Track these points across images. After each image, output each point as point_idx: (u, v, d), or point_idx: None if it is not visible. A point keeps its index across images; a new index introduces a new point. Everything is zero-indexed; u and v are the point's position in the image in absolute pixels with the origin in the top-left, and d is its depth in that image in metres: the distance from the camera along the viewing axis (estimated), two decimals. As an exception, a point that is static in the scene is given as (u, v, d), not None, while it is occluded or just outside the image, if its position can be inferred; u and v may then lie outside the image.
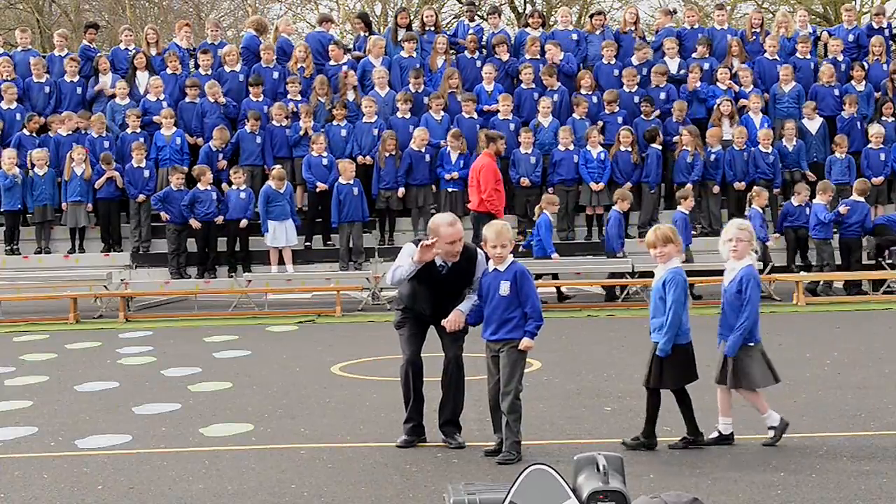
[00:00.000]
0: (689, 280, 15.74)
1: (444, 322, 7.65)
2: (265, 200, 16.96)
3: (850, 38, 20.02)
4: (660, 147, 17.84)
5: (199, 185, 17.13)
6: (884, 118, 18.59)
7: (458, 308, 7.65)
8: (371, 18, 34.70)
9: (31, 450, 7.97)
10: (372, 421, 8.66)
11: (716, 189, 17.88)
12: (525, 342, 7.34)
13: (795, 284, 16.19)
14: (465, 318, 7.60)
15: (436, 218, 7.80)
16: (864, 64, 19.25)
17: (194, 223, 17.02)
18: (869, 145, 18.21)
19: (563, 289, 16.74)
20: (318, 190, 17.45)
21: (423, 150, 17.61)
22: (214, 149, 17.93)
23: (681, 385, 7.66)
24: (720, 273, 16.98)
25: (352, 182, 17.18)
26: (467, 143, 17.84)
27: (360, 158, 17.81)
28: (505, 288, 7.37)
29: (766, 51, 19.44)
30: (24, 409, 9.54)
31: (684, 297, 7.59)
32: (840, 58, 19.44)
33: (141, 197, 17.62)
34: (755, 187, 16.99)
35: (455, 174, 17.54)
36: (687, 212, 16.53)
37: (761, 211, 16.60)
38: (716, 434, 7.63)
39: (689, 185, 17.12)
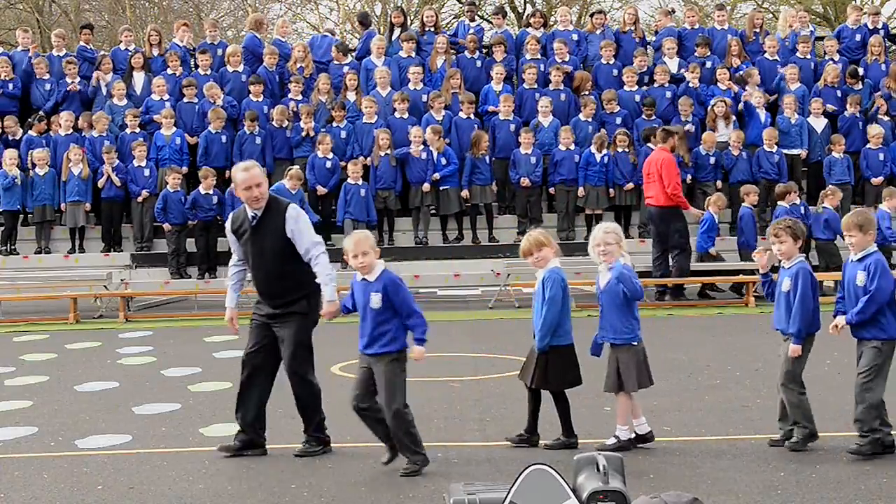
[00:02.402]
0: (696, 280, 15.95)
1: (322, 312, 7.61)
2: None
3: (857, 37, 20.01)
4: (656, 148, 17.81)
5: (200, 188, 17.08)
6: (881, 118, 18.57)
7: (327, 299, 7.49)
8: (371, 18, 34.78)
9: (31, 450, 7.98)
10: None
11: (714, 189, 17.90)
12: (417, 351, 7.14)
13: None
14: (340, 305, 7.41)
15: (235, 166, 7.91)
16: (858, 70, 19.21)
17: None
18: (868, 145, 18.20)
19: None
20: (318, 193, 17.44)
21: (420, 149, 17.59)
22: (214, 132, 17.90)
23: (563, 387, 7.71)
24: (725, 273, 17.02)
25: (359, 183, 17.18)
26: (461, 144, 17.87)
27: (360, 160, 17.83)
28: (376, 300, 7.11)
29: (765, 51, 19.44)
30: (24, 409, 9.54)
31: (562, 296, 7.62)
32: (837, 58, 19.43)
33: (144, 193, 17.59)
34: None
35: (437, 175, 17.52)
36: (750, 207, 16.52)
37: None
38: (633, 435, 7.60)
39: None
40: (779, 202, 16.58)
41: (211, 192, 17.10)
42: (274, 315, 7.72)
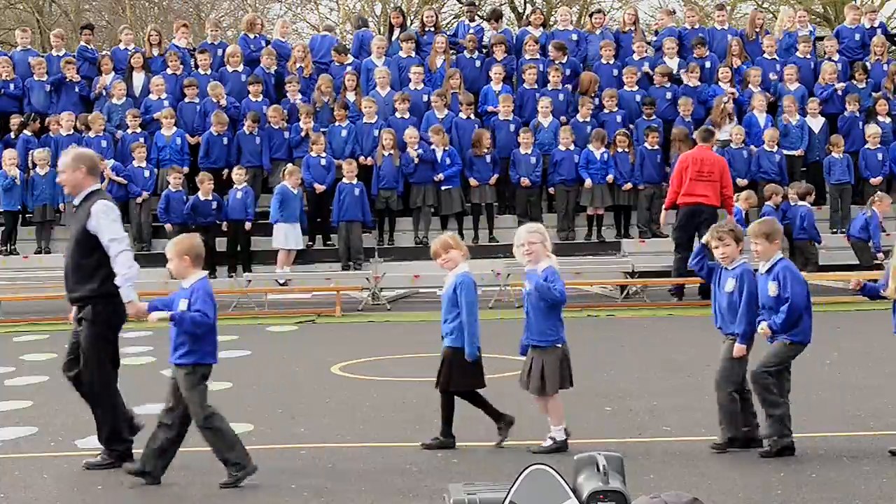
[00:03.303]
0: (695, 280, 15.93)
1: (129, 313, 7.29)
2: (280, 200, 16.88)
3: (857, 37, 20.01)
4: (653, 147, 17.80)
5: (199, 194, 17.06)
6: (879, 117, 18.57)
7: (124, 299, 7.26)
8: (371, 18, 34.78)
9: (31, 450, 7.98)
10: (372, 421, 8.67)
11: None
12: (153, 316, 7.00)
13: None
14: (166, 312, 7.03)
15: None
16: (867, 65, 19.23)
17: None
18: (866, 145, 18.20)
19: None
20: (316, 191, 17.44)
21: (415, 148, 17.58)
22: (216, 133, 17.91)
23: (469, 388, 7.75)
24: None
25: (353, 182, 17.18)
26: (461, 144, 17.88)
27: (361, 159, 17.84)
28: (182, 304, 6.91)
29: (765, 51, 19.44)
30: (24, 409, 9.54)
31: (475, 298, 7.68)
32: (836, 57, 19.43)
33: (144, 194, 17.59)
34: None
35: (441, 175, 17.54)
36: (774, 207, 16.59)
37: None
38: (550, 442, 7.61)
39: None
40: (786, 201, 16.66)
41: (210, 197, 17.05)
42: (78, 318, 7.58)
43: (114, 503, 6.64)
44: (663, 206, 16.26)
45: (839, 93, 18.75)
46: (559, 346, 7.62)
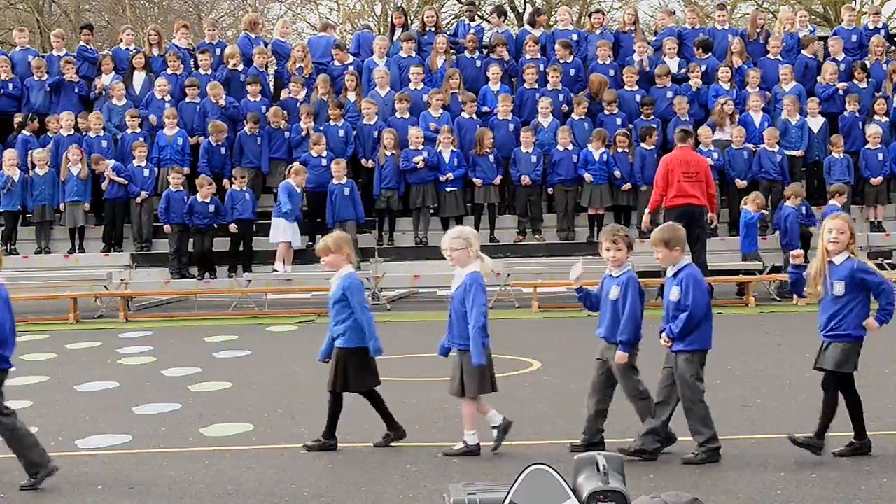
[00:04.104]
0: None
1: None
2: (288, 196, 16.83)
3: (854, 38, 20.02)
4: (652, 147, 17.79)
5: (197, 196, 17.05)
6: (877, 117, 18.57)
7: None
8: (371, 19, 34.80)
9: (31, 450, 7.96)
10: (372, 421, 8.66)
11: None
12: None
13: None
14: None
15: None
16: (866, 63, 19.24)
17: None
18: (867, 145, 18.20)
19: None
20: (316, 192, 17.48)
21: (419, 149, 17.60)
22: (214, 143, 17.92)
23: (363, 388, 7.83)
24: (722, 273, 17.04)
25: (343, 182, 17.18)
26: (466, 145, 17.89)
27: (363, 161, 17.83)
28: None
29: (769, 51, 19.44)
30: (24, 409, 9.54)
31: (363, 297, 7.75)
32: (840, 57, 19.44)
33: (143, 194, 17.60)
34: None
35: (450, 175, 17.55)
36: (794, 208, 16.56)
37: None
38: (461, 445, 7.62)
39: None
40: (786, 203, 16.61)
41: (208, 200, 17.03)
42: None
43: (114, 503, 6.64)
44: (647, 209, 16.23)
45: (840, 92, 18.76)
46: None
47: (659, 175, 15.70)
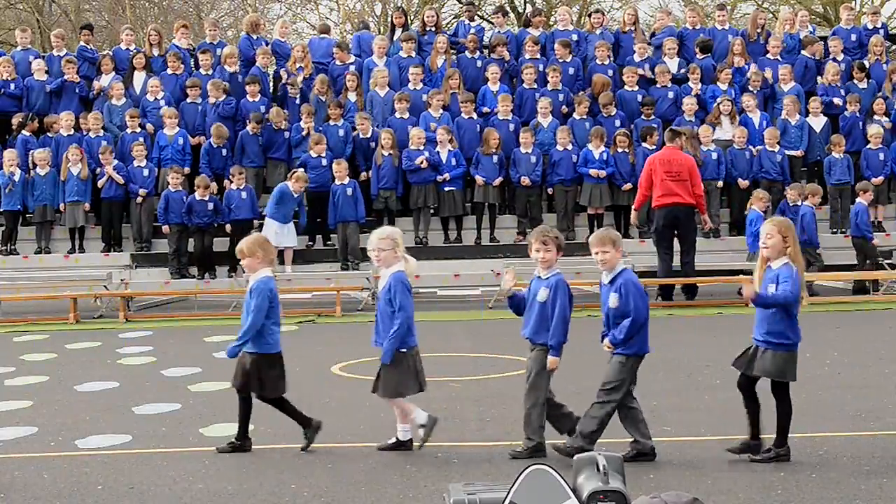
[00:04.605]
0: (691, 280, 15.93)
1: None
2: (279, 198, 16.87)
3: (853, 37, 20.02)
4: (653, 147, 17.80)
5: (196, 195, 17.03)
6: (876, 116, 18.57)
7: None
8: (371, 19, 34.78)
9: (31, 450, 7.97)
10: (372, 421, 8.66)
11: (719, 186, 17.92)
12: None
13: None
14: None
15: None
16: (865, 63, 19.24)
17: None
18: (868, 145, 18.20)
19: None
20: (316, 192, 17.48)
21: (421, 149, 17.60)
22: (215, 146, 17.92)
23: (273, 394, 7.81)
24: (719, 273, 17.05)
25: (346, 182, 17.19)
26: (466, 144, 17.89)
27: (362, 175, 17.81)
28: None
29: (768, 51, 19.44)
30: (24, 409, 9.54)
31: (267, 305, 7.72)
32: (840, 57, 19.44)
33: (142, 191, 17.60)
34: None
35: (447, 175, 17.56)
36: (813, 207, 16.60)
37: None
38: (393, 440, 7.69)
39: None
40: (804, 202, 16.64)
41: (206, 198, 17.03)
42: None
43: (114, 503, 6.64)
44: (633, 207, 16.28)
45: (841, 92, 18.76)
46: (403, 350, 7.63)
47: (643, 174, 15.80)
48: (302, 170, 17.28)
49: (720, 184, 17.85)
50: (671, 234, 15.75)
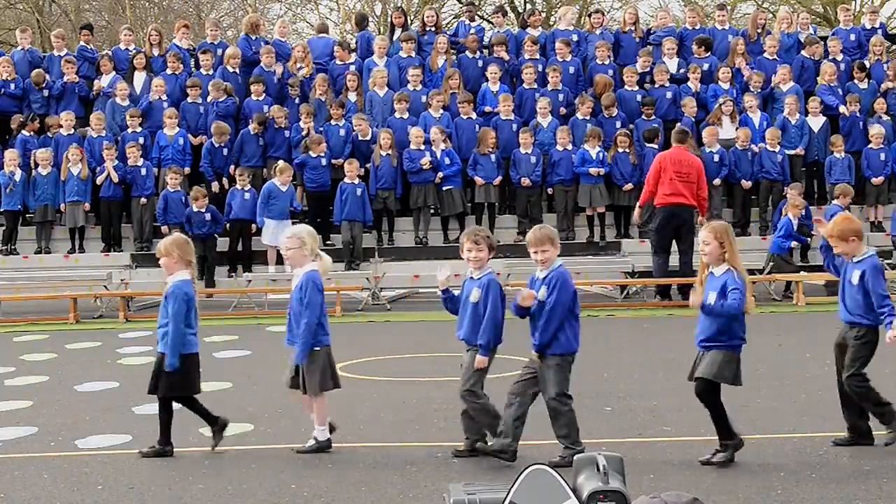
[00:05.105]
0: (690, 280, 15.90)
1: None
2: (266, 197, 16.90)
3: (852, 37, 20.02)
4: (657, 147, 17.80)
5: (193, 206, 16.99)
6: (878, 116, 18.55)
7: None
8: (371, 18, 34.76)
9: (31, 450, 7.98)
10: (372, 421, 8.67)
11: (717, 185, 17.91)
12: None
13: (795, 284, 16.18)
14: None
15: None
16: (865, 63, 19.23)
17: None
18: (869, 145, 18.19)
19: None
20: (317, 192, 17.45)
21: (421, 149, 17.60)
22: (217, 145, 17.92)
23: (177, 394, 7.82)
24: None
25: (356, 182, 17.19)
26: (461, 144, 17.89)
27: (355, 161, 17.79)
28: None
29: (765, 51, 19.43)
30: (24, 409, 9.54)
31: (184, 309, 7.70)
32: (840, 57, 19.43)
33: (143, 201, 17.61)
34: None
35: (441, 174, 17.54)
36: (842, 207, 16.46)
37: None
38: (313, 441, 7.71)
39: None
40: (834, 202, 16.64)
41: (203, 209, 16.97)
42: None
43: (114, 503, 6.64)
44: (637, 204, 16.30)
45: (838, 91, 18.75)
46: (318, 349, 7.66)
47: (651, 172, 15.78)
48: (283, 161, 17.29)
49: (718, 181, 17.76)
50: (672, 234, 15.75)
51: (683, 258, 15.84)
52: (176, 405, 7.86)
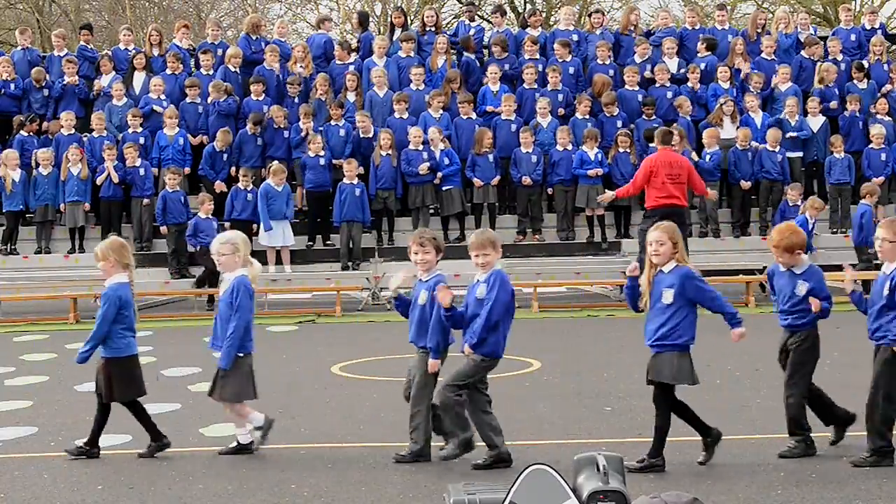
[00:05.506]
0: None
1: None
2: (265, 197, 16.90)
3: (852, 37, 20.02)
4: (658, 147, 17.75)
5: (199, 214, 16.89)
6: (879, 116, 18.55)
7: None
8: (371, 18, 34.76)
9: (31, 450, 7.98)
10: (372, 421, 8.67)
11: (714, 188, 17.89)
12: None
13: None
14: None
15: None
16: (864, 63, 19.23)
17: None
18: (870, 145, 18.19)
19: None
20: (316, 192, 17.45)
21: (419, 149, 17.59)
22: (218, 150, 17.91)
23: (122, 398, 7.81)
24: (722, 273, 17.03)
25: (355, 182, 17.19)
26: (461, 144, 17.90)
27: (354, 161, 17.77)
28: None
29: (762, 51, 19.43)
30: (24, 409, 9.54)
31: (113, 313, 7.67)
32: (840, 57, 19.43)
33: (145, 202, 17.60)
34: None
35: (440, 175, 17.53)
36: (871, 206, 16.52)
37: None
38: (234, 444, 7.73)
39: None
40: (862, 201, 16.66)
41: (210, 215, 16.82)
42: None
43: (114, 503, 6.64)
44: (615, 193, 16.25)
45: (836, 91, 18.75)
46: (242, 355, 7.68)
47: (640, 173, 15.74)
48: (277, 162, 17.30)
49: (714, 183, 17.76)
50: None
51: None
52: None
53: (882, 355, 7.14)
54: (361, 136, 18.09)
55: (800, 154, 18.30)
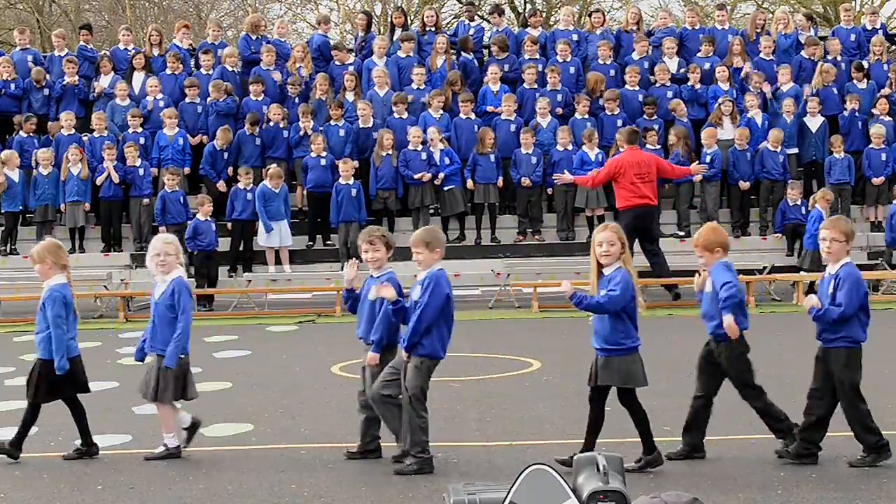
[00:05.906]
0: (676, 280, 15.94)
1: None
2: (262, 199, 16.91)
3: (852, 37, 20.02)
4: (654, 147, 17.75)
5: (198, 216, 16.82)
6: (880, 116, 18.55)
7: None
8: (371, 18, 34.76)
9: (31, 450, 7.97)
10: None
11: (714, 188, 17.91)
12: None
13: (795, 284, 16.18)
14: None
15: None
16: (863, 63, 19.22)
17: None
18: (870, 145, 18.19)
19: None
20: (316, 193, 17.47)
21: (419, 149, 17.59)
22: (218, 148, 17.91)
23: (56, 398, 7.83)
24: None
25: (350, 183, 17.19)
26: (461, 144, 17.89)
27: (350, 161, 17.72)
28: None
29: (760, 51, 19.43)
30: (25, 409, 9.52)
31: (64, 313, 7.67)
32: (839, 58, 19.43)
33: (145, 202, 17.61)
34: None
35: (441, 175, 17.53)
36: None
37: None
38: (162, 448, 7.71)
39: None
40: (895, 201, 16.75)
41: (209, 217, 16.74)
42: None
43: (113, 503, 6.64)
44: (573, 180, 16.36)
45: (834, 91, 18.75)
46: (183, 356, 7.76)
47: (603, 171, 15.88)
48: (275, 165, 17.31)
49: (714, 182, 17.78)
50: (635, 236, 15.75)
51: (656, 259, 15.87)
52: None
53: (837, 357, 7.24)
54: (361, 126, 18.08)
55: (795, 151, 18.29)
